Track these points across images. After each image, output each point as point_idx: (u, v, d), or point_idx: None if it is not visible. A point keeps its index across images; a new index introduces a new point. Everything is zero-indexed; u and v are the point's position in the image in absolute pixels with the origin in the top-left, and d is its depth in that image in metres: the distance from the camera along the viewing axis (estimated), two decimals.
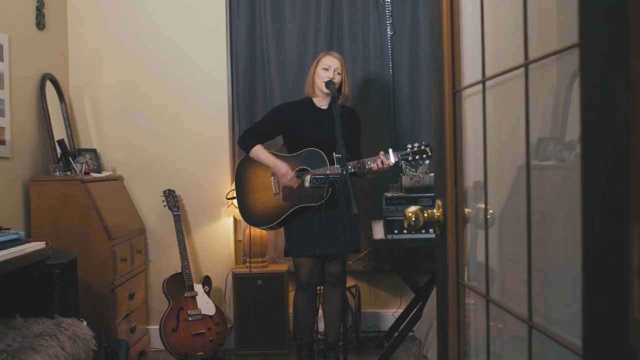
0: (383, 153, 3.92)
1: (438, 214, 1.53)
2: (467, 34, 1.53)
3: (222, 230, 4.95)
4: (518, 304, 1.24)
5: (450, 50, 1.47)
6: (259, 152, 4.11)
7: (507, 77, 1.28)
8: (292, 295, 4.57)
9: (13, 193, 3.99)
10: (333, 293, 4.12)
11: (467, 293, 1.51)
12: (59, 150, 4.32)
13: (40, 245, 3.21)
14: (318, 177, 3.77)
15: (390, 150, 3.95)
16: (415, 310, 4.44)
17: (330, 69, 4.02)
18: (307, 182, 3.92)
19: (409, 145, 3.98)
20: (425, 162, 4.12)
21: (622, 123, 0.73)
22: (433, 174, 3.86)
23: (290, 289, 4.77)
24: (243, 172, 4.20)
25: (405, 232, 4.32)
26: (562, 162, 1.38)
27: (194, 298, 4.46)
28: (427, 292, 4.35)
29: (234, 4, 4.95)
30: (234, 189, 4.26)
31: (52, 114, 4.40)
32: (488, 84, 1.38)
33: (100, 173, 4.57)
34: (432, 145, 2.62)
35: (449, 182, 1.48)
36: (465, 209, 1.52)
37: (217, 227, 4.94)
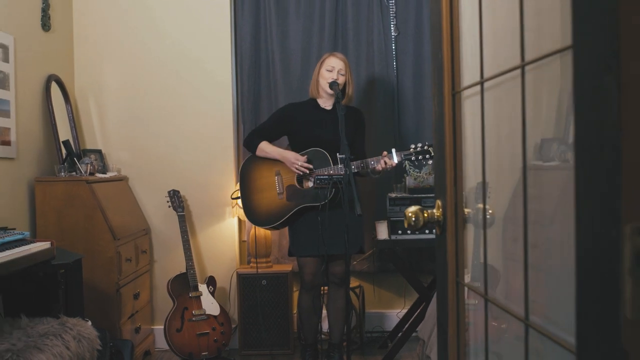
0: (386, 153, 3.92)
1: (438, 214, 1.54)
2: (467, 36, 1.53)
3: (226, 231, 4.96)
4: (521, 305, 1.25)
5: (450, 52, 1.48)
6: (265, 147, 4.13)
7: (508, 78, 1.29)
8: (296, 296, 4.58)
9: (18, 193, 4.01)
10: (337, 293, 4.13)
11: (470, 293, 1.52)
12: (64, 151, 4.34)
13: (45, 245, 3.23)
14: (322, 177, 3.78)
15: (394, 150, 3.96)
16: (419, 311, 4.44)
17: (334, 70, 4.03)
18: (311, 182, 3.93)
19: (412, 145, 3.98)
20: (429, 162, 4.12)
21: (613, 124, 0.74)
22: None
23: (295, 289, 4.78)
24: (247, 172, 4.22)
25: (409, 232, 4.32)
26: (565, 162, 1.39)
27: (199, 298, 4.47)
28: (430, 292, 4.35)
29: (238, 5, 4.97)
30: (239, 189, 4.28)
31: (57, 115, 4.42)
32: (490, 85, 1.39)
33: (105, 174, 4.59)
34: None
35: (449, 182, 1.48)
36: (465, 209, 1.53)
37: (221, 227, 4.95)
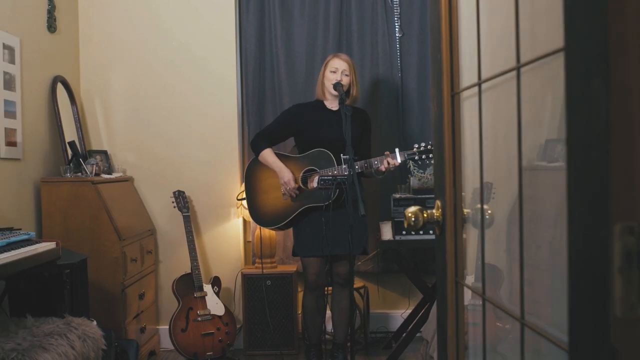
0: (389, 153, 3.93)
1: (437, 215, 1.55)
2: (466, 38, 1.55)
3: (231, 231, 4.98)
4: (525, 305, 1.26)
5: (449, 53, 1.49)
6: (267, 156, 4.15)
7: (507, 78, 1.30)
8: (301, 296, 4.60)
9: (24, 194, 4.04)
10: (341, 294, 4.14)
11: (474, 294, 1.53)
12: (70, 152, 4.36)
13: (51, 246, 3.25)
14: (325, 178, 3.78)
15: (397, 150, 3.96)
16: (423, 311, 4.45)
17: (338, 71, 4.04)
18: (315, 182, 3.95)
19: (416, 145, 3.98)
20: (432, 162, 4.13)
21: (602, 126, 0.75)
22: None
23: (299, 290, 4.79)
24: (252, 173, 4.24)
25: (413, 233, 4.32)
26: None
27: (204, 298, 4.49)
28: (435, 293, 4.34)
29: (243, 7, 4.99)
30: (244, 190, 4.30)
31: (63, 116, 4.45)
32: (490, 86, 1.40)
33: (111, 174, 4.61)
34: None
35: (448, 183, 1.50)
36: (465, 210, 1.54)
37: (226, 228, 4.97)
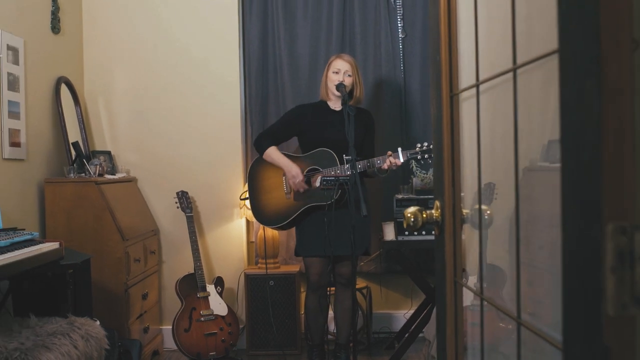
0: (391, 153, 3.92)
1: (436, 215, 1.56)
2: (466, 39, 1.55)
3: (234, 232, 4.99)
4: (525, 304, 1.27)
5: (448, 55, 1.50)
6: (272, 153, 4.16)
7: (508, 80, 1.31)
8: (303, 296, 4.60)
9: (28, 194, 4.05)
10: (344, 294, 4.14)
11: (475, 295, 1.53)
12: (74, 152, 4.38)
13: (54, 246, 3.26)
14: (328, 178, 3.78)
15: (400, 149, 3.96)
16: (426, 312, 4.45)
17: (340, 72, 4.05)
18: (317, 182, 3.95)
19: (418, 145, 3.97)
20: None
21: (594, 127, 0.76)
22: None
23: (302, 290, 4.79)
24: (256, 173, 4.25)
25: (416, 233, 4.32)
26: None
27: (207, 298, 4.50)
28: None
29: (247, 7, 4.99)
30: (247, 190, 4.31)
31: (66, 117, 4.47)
32: (490, 87, 1.41)
33: (114, 175, 4.63)
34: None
35: (447, 183, 1.50)
36: (464, 210, 1.55)
37: (229, 228, 4.98)
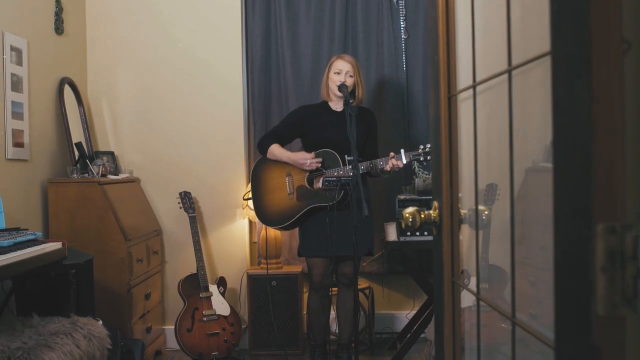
0: (393, 154, 3.93)
1: (434, 215, 1.56)
2: (464, 40, 1.56)
3: (237, 232, 5.00)
4: (526, 304, 1.27)
5: (446, 56, 1.50)
6: (275, 150, 4.17)
7: (503, 80, 1.32)
8: (306, 297, 4.61)
9: (31, 194, 4.07)
10: (346, 294, 4.15)
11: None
12: (77, 153, 4.39)
13: (57, 246, 3.27)
14: (330, 179, 3.79)
15: (402, 151, 3.96)
16: (428, 312, 4.45)
17: (342, 73, 4.05)
18: (320, 183, 3.96)
19: (421, 146, 3.97)
20: None
21: (585, 128, 0.77)
22: None
23: (305, 290, 4.80)
24: (259, 173, 4.26)
25: (418, 234, 4.33)
26: None
27: (209, 298, 4.51)
28: None
29: (249, 7, 5.01)
30: (250, 190, 4.32)
31: (70, 117, 4.48)
32: (488, 87, 1.42)
33: (117, 175, 4.64)
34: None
35: (445, 183, 1.51)
36: (462, 210, 1.56)
37: (232, 228, 4.99)
